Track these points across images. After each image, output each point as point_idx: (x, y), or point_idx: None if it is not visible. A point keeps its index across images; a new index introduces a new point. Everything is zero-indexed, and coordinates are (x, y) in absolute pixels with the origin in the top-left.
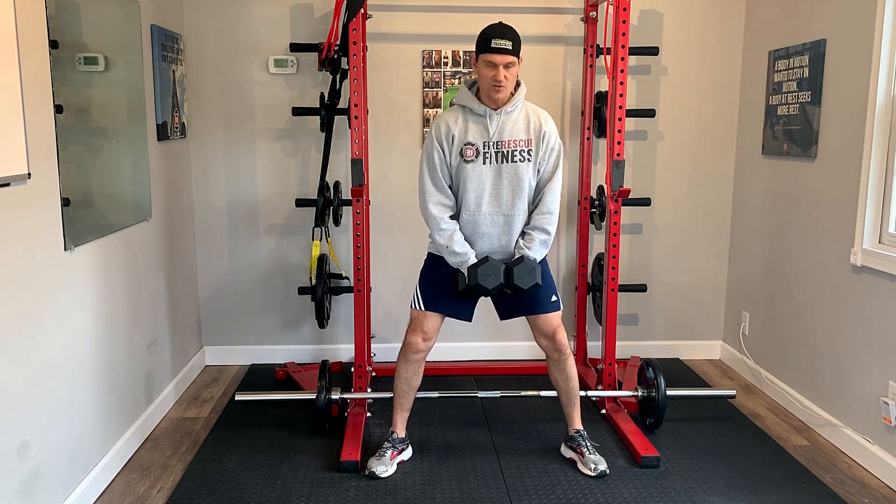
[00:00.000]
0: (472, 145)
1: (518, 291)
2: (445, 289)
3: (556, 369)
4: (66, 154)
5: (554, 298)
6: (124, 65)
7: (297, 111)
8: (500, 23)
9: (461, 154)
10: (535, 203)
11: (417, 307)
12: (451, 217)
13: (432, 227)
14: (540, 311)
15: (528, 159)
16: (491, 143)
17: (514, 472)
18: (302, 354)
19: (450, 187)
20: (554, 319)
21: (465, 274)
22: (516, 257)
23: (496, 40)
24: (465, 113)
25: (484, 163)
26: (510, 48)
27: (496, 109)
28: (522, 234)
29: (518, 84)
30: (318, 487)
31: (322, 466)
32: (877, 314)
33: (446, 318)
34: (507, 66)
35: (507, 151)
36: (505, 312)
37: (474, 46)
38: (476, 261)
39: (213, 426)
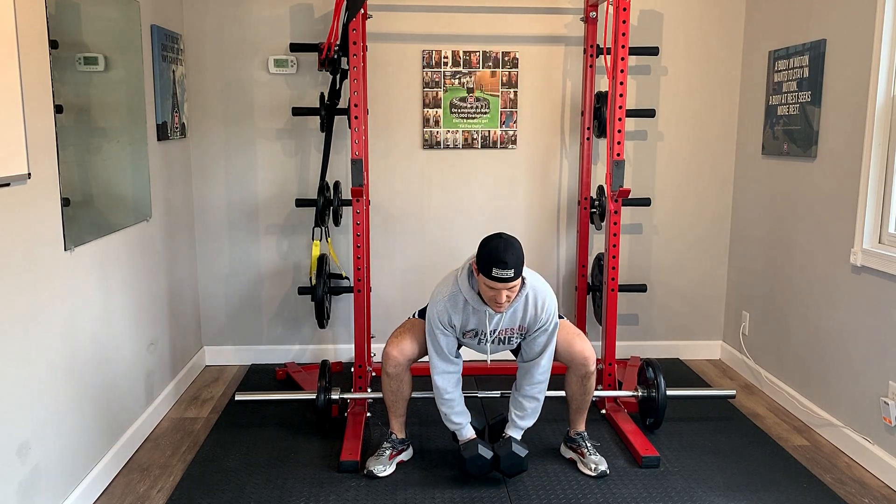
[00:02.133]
0: (473, 331)
1: (504, 476)
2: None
3: (577, 384)
4: (66, 154)
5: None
6: (124, 65)
7: (297, 111)
8: (502, 240)
9: (462, 335)
10: (524, 370)
11: (413, 315)
12: (457, 380)
13: (436, 396)
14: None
15: (521, 339)
16: (489, 332)
17: None
18: (302, 354)
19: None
20: (563, 333)
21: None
22: (505, 439)
23: (497, 270)
24: (466, 306)
25: (480, 343)
26: (512, 276)
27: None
28: (514, 400)
29: (522, 281)
30: (318, 487)
31: (322, 466)
32: (877, 314)
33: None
34: (509, 288)
35: (505, 337)
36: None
37: (476, 255)
38: (470, 435)
39: (213, 426)
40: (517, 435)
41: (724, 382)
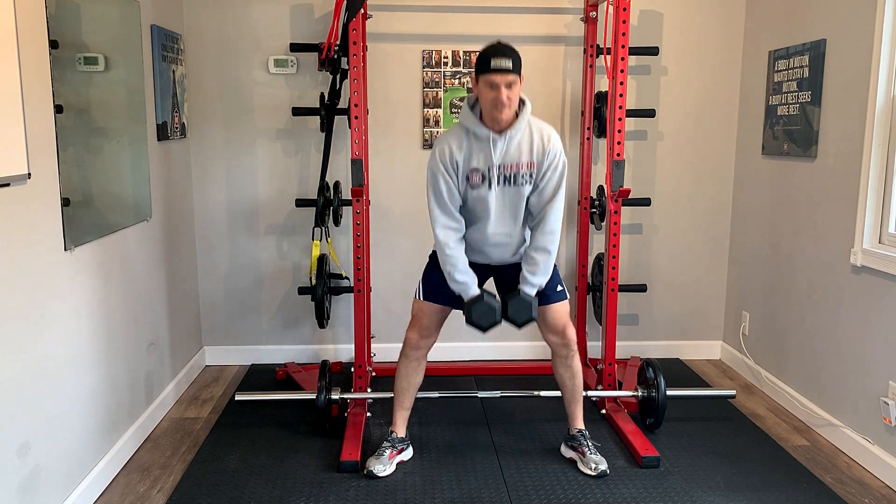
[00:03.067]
0: (478, 170)
1: (513, 324)
2: (446, 282)
3: (563, 366)
4: (66, 154)
5: (560, 288)
6: (124, 65)
7: (297, 111)
8: (499, 42)
9: (467, 179)
10: (536, 221)
11: (417, 297)
12: (460, 238)
13: (438, 251)
14: (544, 302)
15: (530, 182)
16: (495, 167)
17: (515, 472)
18: (302, 354)
19: (461, 205)
20: (562, 313)
21: (464, 304)
22: (514, 291)
23: (496, 59)
24: (468, 136)
25: (489, 188)
26: (510, 67)
27: (500, 133)
28: (526, 255)
29: (522, 102)
30: (318, 487)
31: (322, 466)
32: (877, 314)
33: (448, 316)
34: (508, 85)
35: (511, 175)
36: None
37: (474, 66)
38: (475, 292)
39: (213, 426)
40: (529, 291)
41: (724, 382)
